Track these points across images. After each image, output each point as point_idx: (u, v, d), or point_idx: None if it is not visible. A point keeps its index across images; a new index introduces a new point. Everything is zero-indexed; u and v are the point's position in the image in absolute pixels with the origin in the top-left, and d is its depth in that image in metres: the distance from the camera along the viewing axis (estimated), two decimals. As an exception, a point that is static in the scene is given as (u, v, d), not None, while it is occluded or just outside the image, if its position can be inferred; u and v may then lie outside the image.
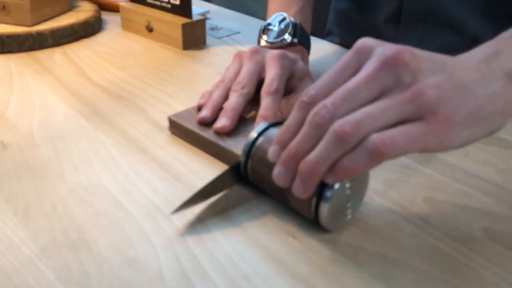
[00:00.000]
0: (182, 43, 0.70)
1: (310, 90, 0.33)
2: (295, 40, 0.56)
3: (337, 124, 0.30)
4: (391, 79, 0.30)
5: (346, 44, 0.72)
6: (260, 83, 0.49)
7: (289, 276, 0.32)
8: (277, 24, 0.58)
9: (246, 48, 0.71)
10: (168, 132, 0.49)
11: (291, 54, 0.53)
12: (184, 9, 0.70)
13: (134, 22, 0.76)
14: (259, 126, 0.39)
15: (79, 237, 0.35)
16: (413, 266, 0.33)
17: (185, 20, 0.70)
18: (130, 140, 0.47)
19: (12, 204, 0.38)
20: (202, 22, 0.72)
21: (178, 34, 0.70)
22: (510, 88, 0.31)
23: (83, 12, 0.78)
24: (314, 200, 0.33)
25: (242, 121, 0.46)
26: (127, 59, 0.67)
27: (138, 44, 0.73)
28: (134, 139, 0.48)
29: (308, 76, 0.53)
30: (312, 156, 0.31)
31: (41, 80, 0.60)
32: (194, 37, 0.71)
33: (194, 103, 0.50)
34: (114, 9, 0.86)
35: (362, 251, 0.34)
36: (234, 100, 0.47)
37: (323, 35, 0.79)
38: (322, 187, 0.33)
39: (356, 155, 0.30)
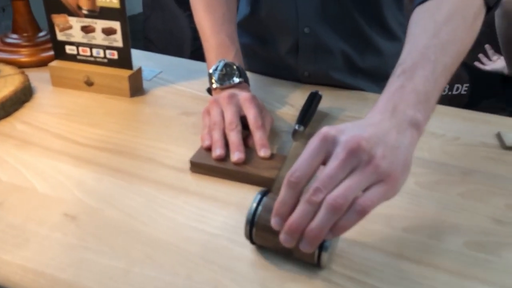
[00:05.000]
0: (129, 92, 0.81)
1: (295, 172, 0.43)
2: (242, 79, 0.74)
3: (331, 199, 0.41)
4: (356, 161, 0.43)
5: (254, 70, 0.92)
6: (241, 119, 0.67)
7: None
8: (220, 68, 0.75)
9: (180, 86, 0.87)
10: (189, 171, 0.63)
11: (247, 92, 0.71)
12: (124, 62, 0.81)
13: (68, 78, 0.83)
14: (255, 197, 0.49)
15: (203, 263, 0.49)
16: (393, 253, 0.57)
17: (128, 71, 0.81)
18: (167, 186, 0.61)
19: (123, 259, 0.49)
20: (139, 71, 0.83)
21: (124, 85, 0.80)
22: (414, 133, 0.46)
23: (11, 76, 0.81)
24: (316, 251, 0.46)
25: (246, 149, 0.64)
26: (89, 116, 0.76)
27: (83, 99, 0.81)
28: (169, 183, 0.61)
29: (265, 108, 0.72)
30: (315, 224, 0.42)
31: (32, 153, 0.66)
32: (136, 84, 0.83)
33: (182, 143, 0.67)
34: (27, 66, 0.89)
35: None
36: (236, 137, 0.64)
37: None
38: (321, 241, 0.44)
39: (349, 216, 0.42)
